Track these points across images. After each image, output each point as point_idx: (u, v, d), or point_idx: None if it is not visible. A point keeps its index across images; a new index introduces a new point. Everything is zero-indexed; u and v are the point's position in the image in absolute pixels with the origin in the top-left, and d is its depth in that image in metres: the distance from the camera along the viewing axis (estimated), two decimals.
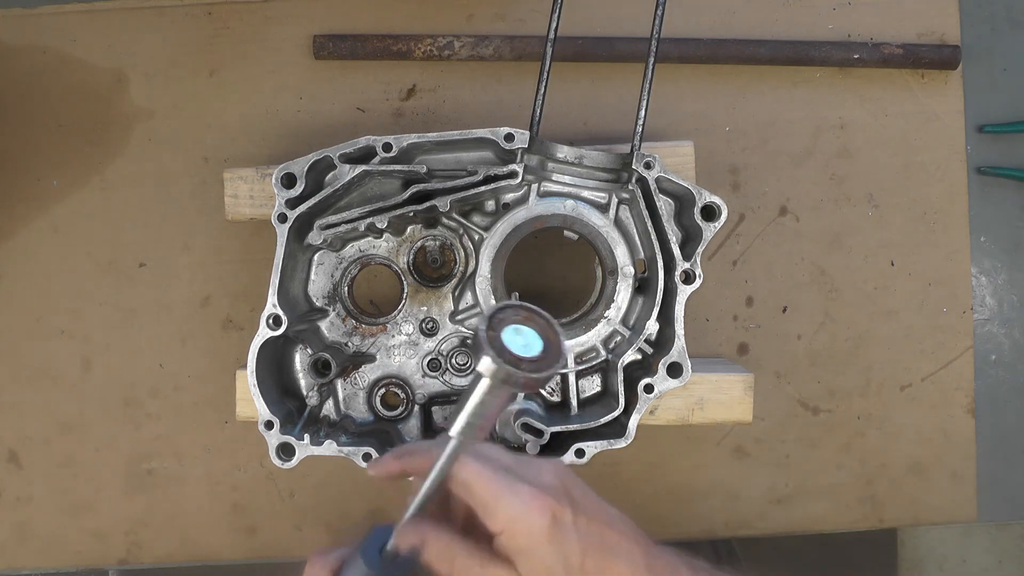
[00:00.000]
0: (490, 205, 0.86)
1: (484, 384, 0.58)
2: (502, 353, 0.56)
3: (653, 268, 0.83)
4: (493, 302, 0.85)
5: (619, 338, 0.86)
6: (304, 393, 0.88)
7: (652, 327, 0.84)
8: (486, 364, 0.56)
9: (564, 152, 0.83)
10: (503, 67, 1.01)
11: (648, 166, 0.81)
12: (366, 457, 0.81)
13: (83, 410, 1.02)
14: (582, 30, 1.00)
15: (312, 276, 0.89)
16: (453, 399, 0.90)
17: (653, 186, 0.82)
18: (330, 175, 0.84)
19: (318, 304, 0.89)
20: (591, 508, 0.65)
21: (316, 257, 0.89)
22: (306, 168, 0.82)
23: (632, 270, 0.84)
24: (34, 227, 1.02)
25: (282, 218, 0.81)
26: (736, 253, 1.02)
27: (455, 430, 0.60)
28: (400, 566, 0.64)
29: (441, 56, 0.99)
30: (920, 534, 1.91)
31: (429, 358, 0.89)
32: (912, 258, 1.02)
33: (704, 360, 0.99)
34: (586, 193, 0.85)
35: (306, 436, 0.81)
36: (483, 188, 0.81)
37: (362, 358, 0.89)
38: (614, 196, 0.84)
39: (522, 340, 0.58)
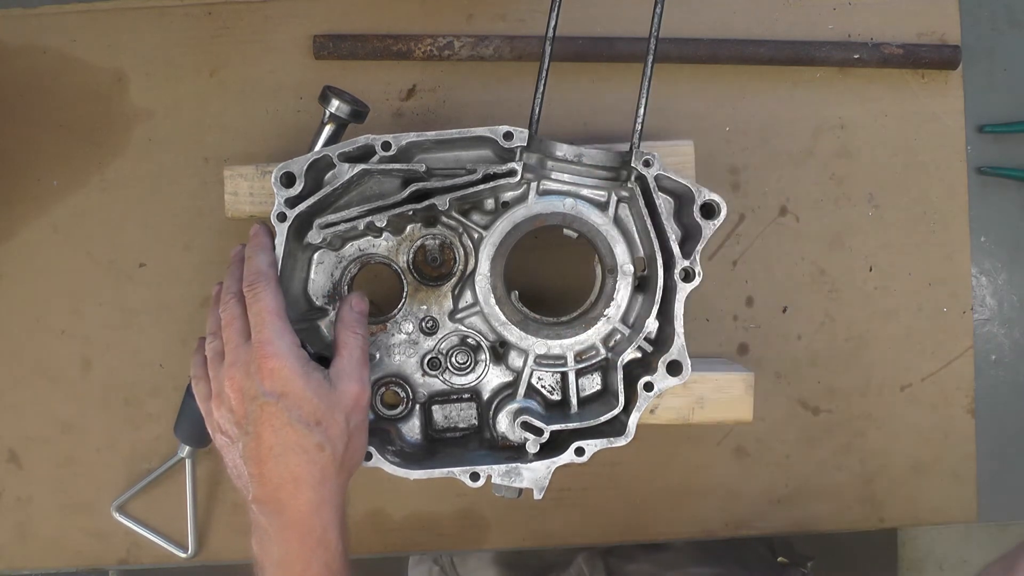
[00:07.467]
0: (489, 204, 0.86)
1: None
2: None
3: (653, 266, 0.83)
4: (493, 301, 0.85)
5: (619, 336, 0.86)
6: None
7: (652, 325, 0.83)
8: None
9: (563, 150, 0.83)
10: (503, 67, 1.01)
11: (647, 164, 0.81)
12: (366, 457, 0.81)
13: (83, 410, 1.02)
14: (582, 30, 1.00)
15: (312, 275, 0.89)
16: (453, 398, 0.90)
17: (652, 184, 0.82)
18: (329, 174, 0.84)
19: (318, 303, 0.89)
20: None
21: (316, 256, 0.89)
22: (305, 167, 0.82)
23: (632, 268, 0.84)
24: (34, 227, 1.02)
25: (281, 217, 0.81)
26: (736, 253, 1.02)
27: None
28: None
29: (441, 56, 0.99)
30: (920, 534, 1.91)
31: (429, 357, 0.89)
32: (912, 258, 1.02)
33: (704, 360, 0.99)
34: (585, 191, 0.85)
35: None
36: (482, 186, 0.81)
37: None
38: (613, 194, 0.84)
39: None
